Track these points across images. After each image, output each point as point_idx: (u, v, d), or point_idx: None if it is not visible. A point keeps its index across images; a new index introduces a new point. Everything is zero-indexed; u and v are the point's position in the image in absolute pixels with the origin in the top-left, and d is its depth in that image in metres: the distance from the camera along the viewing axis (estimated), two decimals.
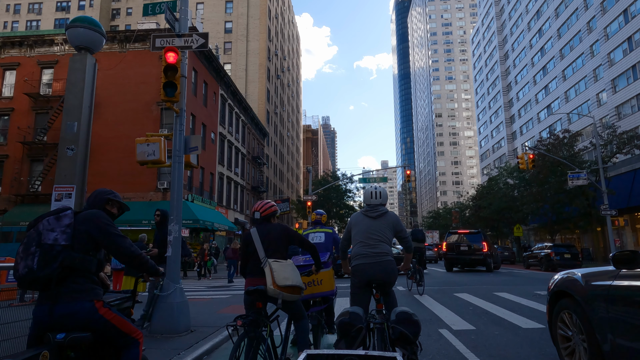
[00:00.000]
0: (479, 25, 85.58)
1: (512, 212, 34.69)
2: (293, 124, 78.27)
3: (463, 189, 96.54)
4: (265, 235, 3.50)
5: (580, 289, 3.55)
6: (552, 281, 4.13)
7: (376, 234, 3.82)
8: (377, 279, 3.72)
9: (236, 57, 52.74)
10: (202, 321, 6.94)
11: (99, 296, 2.49)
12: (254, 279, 3.40)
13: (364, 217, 3.95)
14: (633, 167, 30.70)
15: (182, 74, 6.62)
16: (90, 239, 2.50)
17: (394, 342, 3.23)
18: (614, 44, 40.89)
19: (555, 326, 3.96)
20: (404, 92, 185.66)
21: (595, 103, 43.89)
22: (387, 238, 3.85)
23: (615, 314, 3.07)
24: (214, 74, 33.00)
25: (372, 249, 3.76)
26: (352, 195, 48.54)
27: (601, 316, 3.21)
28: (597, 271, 3.55)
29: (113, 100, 27.45)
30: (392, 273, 3.74)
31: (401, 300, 9.28)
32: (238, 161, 39.04)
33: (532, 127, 60.50)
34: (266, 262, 3.35)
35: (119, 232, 2.59)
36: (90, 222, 2.52)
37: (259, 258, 3.41)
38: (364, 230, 3.86)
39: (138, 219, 24.37)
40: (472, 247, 18.43)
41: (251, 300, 3.32)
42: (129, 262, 2.61)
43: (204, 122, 30.44)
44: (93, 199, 2.76)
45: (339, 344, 3.18)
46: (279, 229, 3.58)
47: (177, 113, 6.69)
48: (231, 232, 34.36)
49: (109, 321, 2.45)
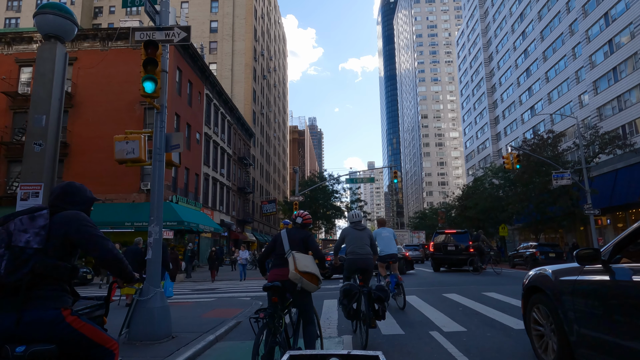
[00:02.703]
0: (464, 28, 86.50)
1: (498, 212, 34.99)
2: (279, 125, 77.89)
3: (449, 189, 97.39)
4: (292, 237, 4.23)
5: (550, 284, 3.83)
6: (527, 277, 4.39)
7: (361, 241, 6.08)
8: (362, 267, 6.01)
9: (222, 57, 52.21)
10: (185, 326, 6.67)
11: (67, 304, 2.25)
12: (276, 270, 4.06)
13: (353, 230, 6.18)
14: (615, 167, 31.24)
15: (163, 68, 6.36)
16: (67, 243, 2.27)
17: (374, 300, 5.34)
18: (596, 47, 41.63)
19: (529, 319, 4.24)
20: (390, 94, 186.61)
21: (577, 104, 44.61)
22: (368, 244, 6.09)
23: (579, 307, 3.35)
24: (199, 74, 32.54)
25: (360, 249, 6.03)
26: (338, 196, 48.42)
27: (568, 309, 3.48)
28: (565, 268, 3.79)
29: (94, 100, 26.83)
30: (370, 264, 6.02)
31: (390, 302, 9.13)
32: (224, 162, 38.58)
33: (516, 128, 61.27)
34: (290, 252, 4.05)
35: (102, 234, 2.37)
36: (70, 225, 2.28)
37: (284, 251, 4.11)
38: (354, 238, 6.11)
39: (120, 221, 23.82)
40: (459, 247, 18.43)
41: (269, 296, 3.87)
42: (110, 267, 2.38)
43: (189, 122, 29.97)
44: (74, 197, 2.47)
45: (342, 300, 5.45)
46: (303, 235, 4.31)
47: (157, 109, 6.41)
48: (217, 234, 33.89)
49: (78, 330, 2.20)
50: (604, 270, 3.17)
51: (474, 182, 44.33)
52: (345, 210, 50.11)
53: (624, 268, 3.01)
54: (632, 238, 3.12)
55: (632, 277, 2.86)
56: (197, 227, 25.77)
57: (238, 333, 6.47)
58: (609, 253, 3.22)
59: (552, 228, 34.14)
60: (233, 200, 42.04)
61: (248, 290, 13.49)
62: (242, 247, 19.62)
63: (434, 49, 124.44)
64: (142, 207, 25.05)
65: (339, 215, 50.28)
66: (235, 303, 9.86)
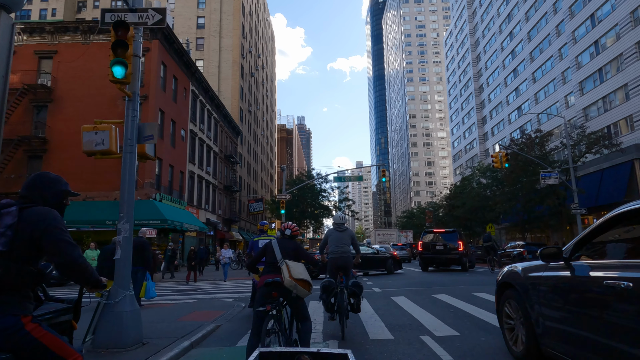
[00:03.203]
0: (452, 28, 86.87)
1: (485, 212, 35.00)
2: (267, 123, 77.23)
3: (436, 189, 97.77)
4: (283, 247, 4.42)
5: (519, 280, 4.09)
6: (500, 274, 4.61)
7: (342, 241, 6.42)
8: (341, 265, 6.29)
9: (209, 53, 51.43)
10: (159, 331, 6.21)
11: (27, 310, 2.07)
12: (269, 276, 4.18)
13: (335, 231, 6.55)
14: (600, 167, 31.46)
15: (135, 52, 5.89)
16: (33, 245, 2.06)
17: (350, 295, 5.97)
18: (582, 47, 41.97)
19: (501, 314, 4.53)
20: (378, 94, 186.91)
21: (563, 105, 44.98)
22: (348, 244, 6.45)
23: (544, 300, 3.60)
24: (185, 69, 31.85)
25: (340, 249, 6.37)
26: (326, 195, 48.08)
27: (534, 303, 3.74)
28: (533, 265, 4.03)
29: (75, 94, 26.02)
30: (350, 263, 6.37)
31: (377, 302, 8.78)
32: (210, 159, 37.91)
33: (504, 128, 61.66)
34: (283, 261, 4.23)
35: (71, 240, 2.15)
36: (37, 225, 2.06)
37: (276, 260, 4.28)
38: (336, 239, 6.45)
39: (101, 220, 23.10)
40: (448, 246, 18.20)
41: (267, 291, 4.09)
42: (72, 276, 2.16)
43: (174, 119, 29.29)
44: (45, 189, 2.25)
45: (322, 295, 5.89)
46: (294, 245, 4.53)
47: (129, 97, 5.94)
48: (202, 233, 33.24)
49: (37, 339, 2.02)
50: (565, 267, 3.43)
51: (462, 181, 44.40)
52: (333, 209, 49.80)
53: (583, 264, 3.26)
54: (590, 237, 3.36)
55: (589, 272, 3.09)
56: (181, 226, 25.15)
57: (216, 338, 6.04)
58: (570, 251, 3.48)
59: (539, 227, 34.28)
60: (219, 198, 41.38)
61: (231, 291, 13.03)
62: (225, 246, 18.83)
63: (422, 49, 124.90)
64: None
65: (327, 214, 49.97)
66: (217, 305, 9.41)
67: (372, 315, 7.32)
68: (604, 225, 3.19)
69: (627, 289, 2.62)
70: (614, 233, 3.19)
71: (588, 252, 3.42)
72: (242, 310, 8.61)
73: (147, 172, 25.19)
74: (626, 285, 2.63)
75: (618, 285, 2.70)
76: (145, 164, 25.02)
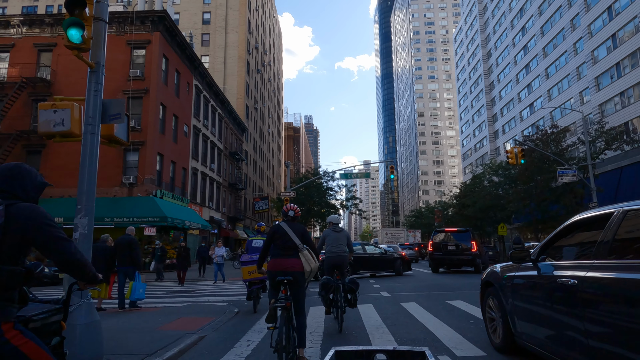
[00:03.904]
0: (462, 24, 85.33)
1: (498, 211, 33.77)
2: (274, 121, 76.43)
3: (445, 188, 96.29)
4: (295, 229, 4.53)
5: (498, 279, 4.49)
6: (484, 273, 5.04)
7: (339, 241, 6.79)
8: (337, 263, 6.65)
9: (214, 49, 50.70)
10: (130, 343, 5.32)
11: (9, 316, 1.94)
12: (282, 260, 4.37)
13: (332, 232, 6.92)
14: (619, 164, 30.13)
15: (99, 16, 4.99)
16: (23, 244, 1.98)
17: (347, 291, 6.45)
18: (598, 42, 40.53)
19: (484, 309, 4.94)
20: (386, 92, 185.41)
21: (578, 101, 43.53)
22: (344, 244, 6.81)
23: (516, 296, 3.99)
24: (188, 63, 31.07)
25: (337, 248, 6.74)
26: (333, 193, 47.09)
27: (509, 298, 4.15)
28: (509, 265, 4.43)
29: (74, 88, 25.28)
30: (345, 261, 6.74)
31: (385, 310, 7.83)
32: (214, 156, 37.14)
33: (515, 126, 60.20)
34: (304, 248, 4.43)
35: (65, 235, 2.07)
36: (29, 222, 1.98)
37: (293, 244, 4.42)
38: (333, 239, 6.81)
39: (99, 217, 22.31)
40: (460, 246, 17.14)
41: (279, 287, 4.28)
42: (72, 271, 2.11)
43: (176, 114, 28.51)
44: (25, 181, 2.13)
45: (321, 292, 6.36)
46: (302, 228, 4.63)
47: (91, 68, 5.05)
48: (205, 231, 32.46)
49: (17, 348, 1.91)
50: (533, 267, 3.82)
51: (473, 179, 43.11)
52: (340, 208, 48.81)
53: (547, 265, 3.63)
54: (553, 241, 3.78)
55: (553, 272, 3.43)
56: (182, 224, 24.37)
57: (196, 354, 5.13)
58: (537, 253, 3.89)
59: (554, 227, 32.95)
60: (224, 196, 40.61)
61: (227, 294, 12.15)
62: (219, 243, 16.92)
63: (431, 46, 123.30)
64: (123, 202, 23.65)
65: (334, 213, 49.05)
66: (208, 310, 8.51)
67: (379, 326, 6.37)
68: (563, 231, 3.67)
69: (574, 285, 3.03)
70: (570, 238, 3.64)
71: (552, 253, 3.81)
72: (234, 317, 7.71)
73: (148, 168, 24.43)
74: (572, 282, 3.06)
75: (567, 282, 3.12)
76: (146, 159, 24.31)
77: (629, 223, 2.85)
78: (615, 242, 2.89)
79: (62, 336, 2.55)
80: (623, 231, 2.88)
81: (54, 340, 2.48)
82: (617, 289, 2.65)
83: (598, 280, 2.83)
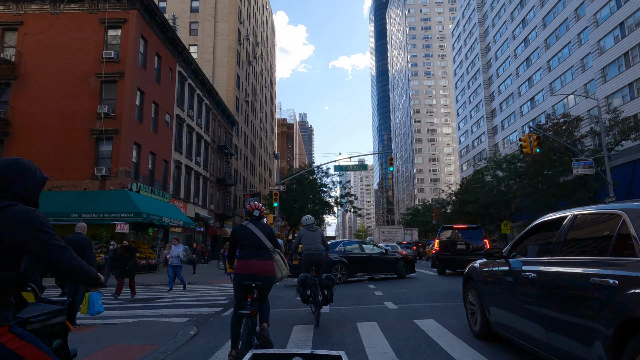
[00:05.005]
0: (460, 17, 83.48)
1: (502, 207, 31.80)
2: (267, 115, 74.12)
3: (441, 186, 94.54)
4: (263, 230, 4.43)
5: (477, 273, 5.08)
6: (467, 268, 5.59)
7: (314, 239, 7.18)
8: (315, 261, 7.05)
9: (203, 38, 48.34)
10: None
11: (3, 320, 1.82)
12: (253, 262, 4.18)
13: (307, 231, 7.32)
14: (632, 158, 28.30)
15: None
16: (15, 249, 1.83)
17: (324, 287, 6.80)
18: (604, 31, 38.73)
19: (466, 301, 5.54)
20: (381, 90, 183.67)
21: (582, 94, 41.75)
22: (319, 241, 7.17)
23: (491, 289, 4.58)
24: (170, 47, 28.75)
25: (314, 246, 7.11)
26: (327, 190, 44.97)
27: (485, 290, 4.75)
28: (485, 261, 4.96)
29: (42, 71, 23.01)
30: (322, 258, 7.09)
31: (396, 332, 5.73)
32: (200, 149, 34.85)
33: (514, 121, 58.43)
34: (276, 251, 4.39)
35: (61, 242, 1.89)
36: (20, 229, 1.82)
37: (263, 246, 4.31)
38: (309, 238, 7.22)
39: (66, 212, 20.10)
40: (471, 245, 15.06)
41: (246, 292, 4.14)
42: (71, 279, 1.95)
43: (156, 101, 26.21)
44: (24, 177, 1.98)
45: (299, 288, 6.79)
46: (269, 229, 4.54)
47: None
48: (188, 229, 30.20)
49: (13, 351, 1.80)
50: (505, 263, 4.33)
51: (474, 174, 41.09)
52: (335, 205, 46.72)
53: (516, 260, 4.13)
54: (522, 240, 4.35)
55: (522, 267, 3.87)
56: (160, 220, 22.11)
57: None
58: (508, 250, 4.50)
59: None
60: (211, 192, 38.33)
61: (197, 303, 9.99)
62: (175, 241, 12.96)
63: (427, 42, 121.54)
64: (94, 196, 21.37)
65: (328, 210, 46.90)
66: (155, 331, 6.34)
67: None
68: (530, 231, 4.21)
69: (534, 278, 3.52)
70: (536, 237, 4.11)
71: (520, 251, 4.34)
72: (186, 343, 5.57)
73: (123, 159, 22.15)
74: (533, 275, 3.54)
75: (529, 275, 3.61)
76: (121, 149, 22.07)
77: (577, 225, 3.33)
78: (567, 242, 3.36)
79: (64, 338, 2.46)
80: (573, 232, 3.36)
81: (55, 342, 2.38)
82: (563, 280, 3.11)
83: (550, 273, 3.31)
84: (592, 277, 2.74)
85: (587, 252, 3.09)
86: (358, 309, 7.80)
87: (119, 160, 22.09)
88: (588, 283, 2.76)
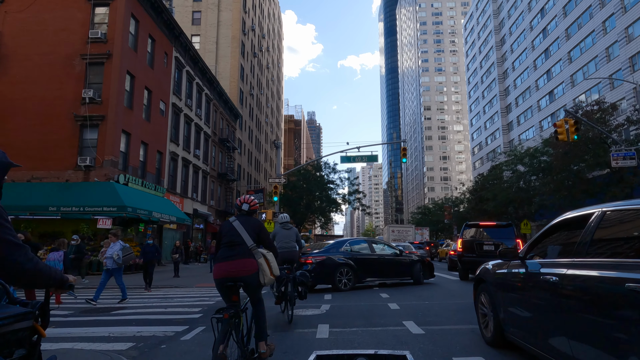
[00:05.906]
0: (473, 10, 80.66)
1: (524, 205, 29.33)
2: (273, 110, 72.10)
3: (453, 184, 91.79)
4: (248, 226, 3.88)
5: (489, 275, 4.76)
6: (478, 270, 5.24)
7: (288, 238, 7.52)
8: (288, 258, 7.25)
9: (206, 28, 46.45)
10: None
11: None
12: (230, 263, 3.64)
13: (282, 229, 7.62)
14: None
15: None
16: None
17: (298, 284, 7.04)
18: (633, 17, 36.01)
19: (477, 305, 5.18)
20: (390, 88, 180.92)
21: (607, 85, 39.08)
22: (294, 240, 7.52)
23: (506, 291, 4.23)
24: (165, 30, 26.79)
25: (287, 244, 7.42)
26: (334, 187, 42.78)
27: (499, 294, 4.39)
28: (499, 263, 4.63)
29: (23, 52, 21.17)
30: (295, 256, 7.49)
31: None
32: (199, 142, 32.88)
33: (531, 116, 55.72)
34: (259, 252, 3.77)
35: (17, 239, 1.69)
36: None
37: (240, 241, 3.77)
38: (283, 235, 7.53)
39: (44, 205, 18.20)
40: (501, 246, 12.84)
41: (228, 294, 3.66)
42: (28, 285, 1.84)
43: (149, 87, 24.26)
44: None
45: (275, 284, 6.56)
46: (257, 224, 4.00)
47: None
48: (183, 225, 28.23)
49: None
50: (521, 265, 3.98)
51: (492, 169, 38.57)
52: (342, 202, 44.54)
53: (534, 262, 3.79)
54: (540, 240, 3.97)
55: (540, 269, 3.53)
56: (148, 215, 20.11)
57: None
58: (525, 251, 4.13)
59: None
60: (212, 187, 36.38)
61: (158, 320, 7.90)
62: (112, 237, 9.90)
63: (438, 37, 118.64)
64: (76, 187, 19.44)
65: (336, 208, 44.70)
66: None
67: None
68: (549, 230, 3.84)
69: (555, 282, 3.15)
70: (556, 237, 3.76)
71: (538, 252, 3.95)
72: None
73: (109, 147, 20.19)
74: (555, 279, 3.16)
75: (550, 279, 3.24)
76: (107, 137, 20.12)
77: (606, 224, 2.91)
78: (594, 242, 2.95)
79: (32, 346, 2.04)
80: (600, 231, 2.95)
81: (16, 352, 1.95)
82: (591, 286, 2.70)
83: (576, 277, 2.91)
84: (627, 282, 2.38)
85: (620, 253, 2.75)
86: (368, 333, 5.64)
87: (104, 149, 20.14)
88: (622, 289, 2.41)
